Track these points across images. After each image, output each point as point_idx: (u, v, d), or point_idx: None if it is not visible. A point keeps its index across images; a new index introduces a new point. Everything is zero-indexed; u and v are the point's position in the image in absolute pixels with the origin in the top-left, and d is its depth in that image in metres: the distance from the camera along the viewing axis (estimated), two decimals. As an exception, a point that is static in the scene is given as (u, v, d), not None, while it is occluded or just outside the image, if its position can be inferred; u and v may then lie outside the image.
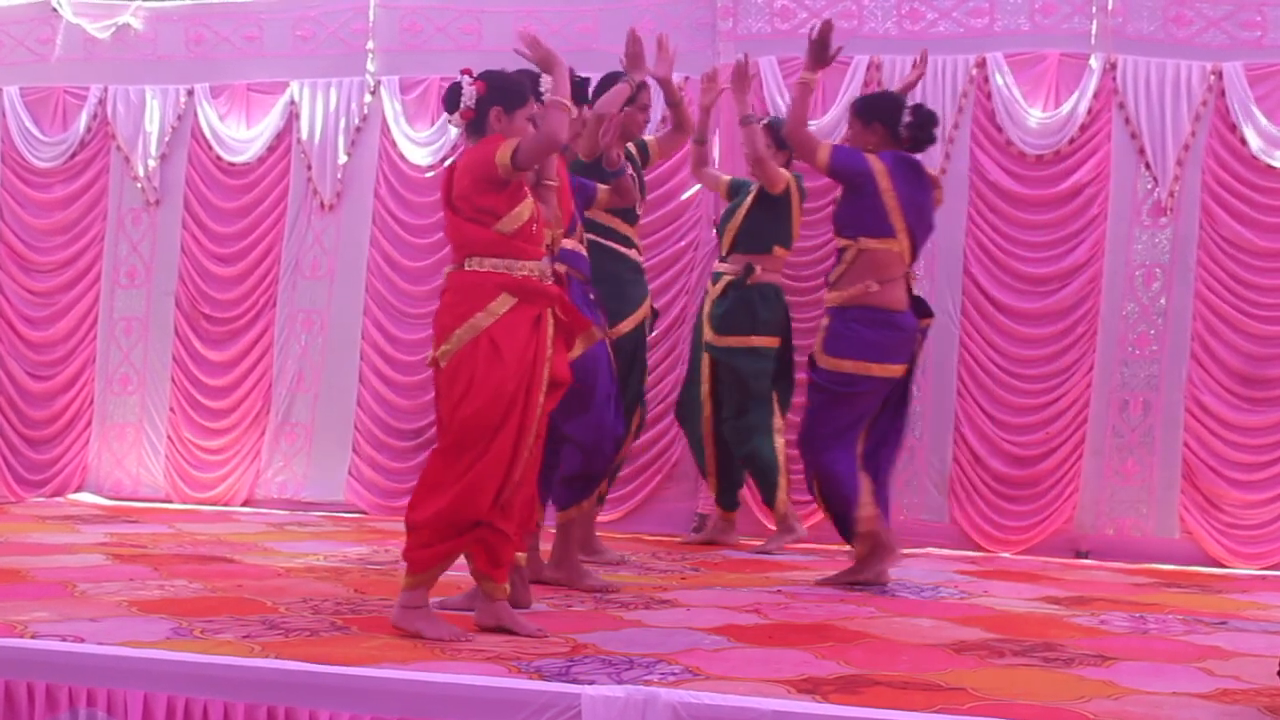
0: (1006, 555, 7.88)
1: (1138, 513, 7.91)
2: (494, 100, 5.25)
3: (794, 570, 7.04)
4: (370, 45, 9.19)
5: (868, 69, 8.35)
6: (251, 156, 9.29)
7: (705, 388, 7.91)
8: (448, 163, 6.43)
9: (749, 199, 7.81)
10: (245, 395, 9.23)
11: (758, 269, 7.77)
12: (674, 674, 4.48)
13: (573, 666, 4.54)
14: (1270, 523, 7.78)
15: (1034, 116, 8.15)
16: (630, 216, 7.10)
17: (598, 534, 7.23)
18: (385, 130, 9.10)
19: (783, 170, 7.74)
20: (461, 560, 5.31)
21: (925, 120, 6.80)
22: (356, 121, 9.13)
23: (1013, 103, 8.16)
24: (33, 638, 4.69)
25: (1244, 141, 7.88)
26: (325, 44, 9.30)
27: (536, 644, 4.91)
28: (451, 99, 5.30)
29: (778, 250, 7.86)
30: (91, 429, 9.49)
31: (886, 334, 6.57)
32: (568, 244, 6.23)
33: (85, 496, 9.33)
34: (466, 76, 5.30)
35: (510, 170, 5.12)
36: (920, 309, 6.74)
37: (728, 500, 8.06)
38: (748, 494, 8.26)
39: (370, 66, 9.16)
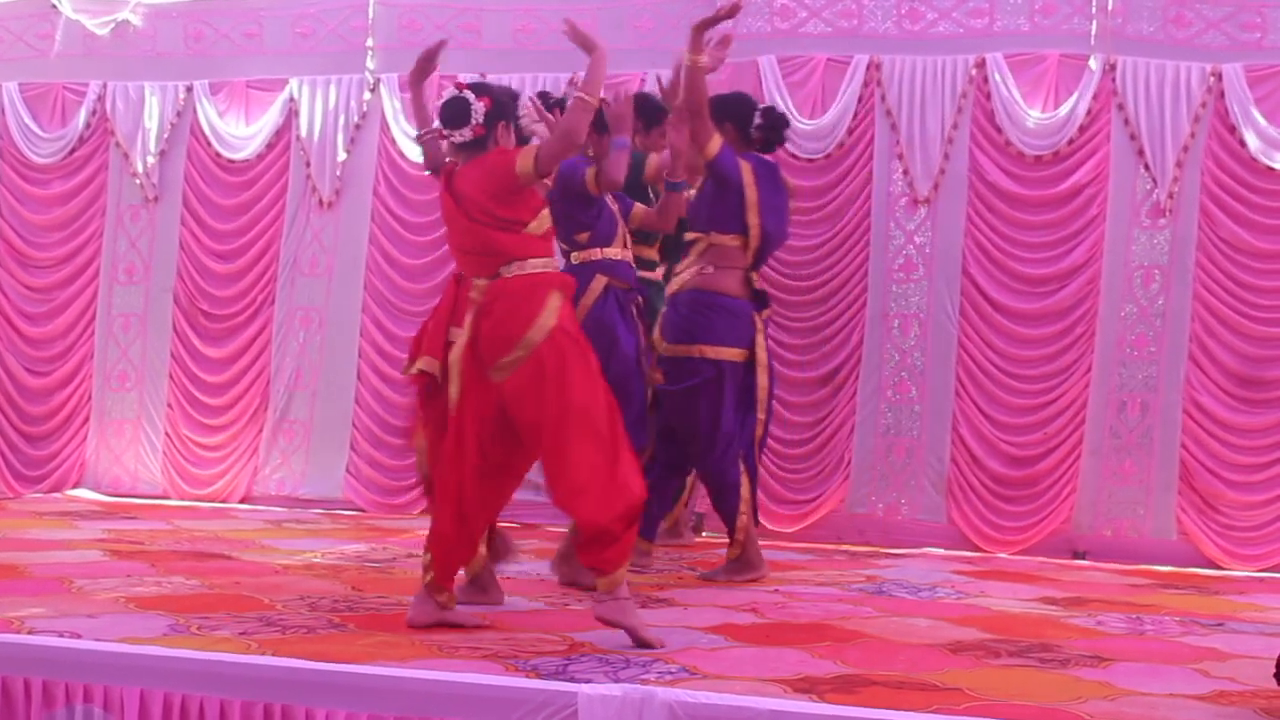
0: (1004, 556, 7.88)
1: (1135, 514, 7.91)
2: (501, 115, 5.26)
3: (791, 570, 7.04)
4: (370, 43, 9.19)
5: (867, 68, 8.35)
6: (250, 153, 9.29)
7: None
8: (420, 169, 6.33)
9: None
10: (243, 392, 9.22)
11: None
12: (671, 673, 4.48)
13: (569, 665, 4.54)
14: (1267, 524, 7.77)
15: (1033, 117, 8.15)
16: (651, 237, 6.99)
17: None
18: (384, 128, 9.10)
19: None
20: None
21: (775, 122, 6.89)
22: (356, 119, 9.13)
23: (1012, 103, 8.16)
24: (30, 634, 4.69)
25: (1243, 143, 7.87)
26: (325, 41, 9.30)
27: (534, 642, 4.91)
28: (459, 115, 5.24)
29: None
30: (89, 425, 9.49)
31: (716, 315, 6.63)
32: (613, 253, 6.24)
33: (83, 492, 9.33)
34: (470, 93, 5.27)
35: (532, 177, 5.15)
36: (760, 301, 6.81)
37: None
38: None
39: (370, 64, 9.16)
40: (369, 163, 9.13)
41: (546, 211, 5.25)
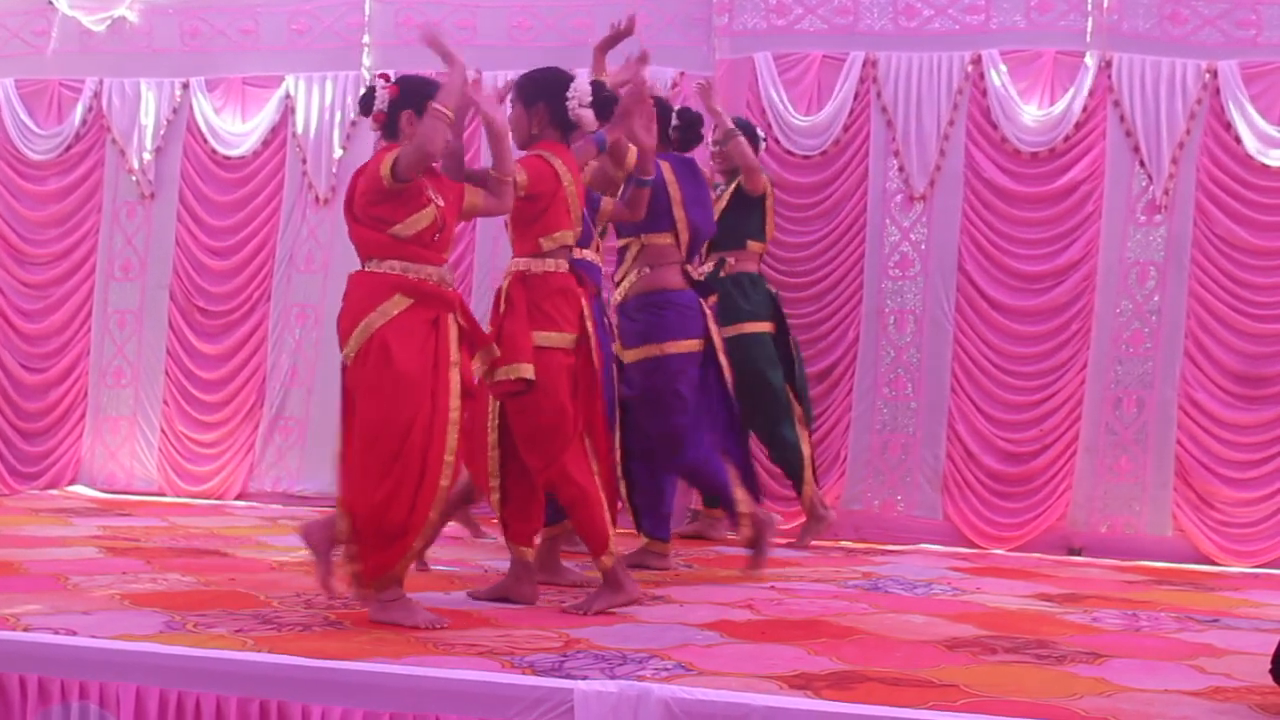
0: (999, 552, 7.89)
1: (1131, 510, 7.92)
2: (406, 104, 5.22)
3: (787, 566, 7.04)
4: (366, 39, 9.18)
5: (863, 65, 8.36)
6: (247, 150, 9.28)
7: None
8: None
9: (726, 197, 7.78)
10: (239, 389, 9.22)
11: (730, 261, 7.78)
12: (667, 669, 4.48)
13: (565, 661, 4.54)
14: (1263, 521, 7.79)
15: (1029, 114, 8.15)
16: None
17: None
18: (382, 125, 9.08)
19: (764, 173, 7.83)
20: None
21: (692, 122, 7.09)
22: (352, 115, 9.11)
23: (1008, 100, 8.16)
24: (25, 630, 4.69)
25: (1239, 140, 7.88)
26: (321, 38, 9.29)
27: (530, 639, 4.91)
28: (365, 102, 5.31)
29: (751, 244, 7.86)
30: (85, 422, 9.48)
31: (666, 312, 6.71)
32: (587, 255, 6.23)
33: (79, 489, 9.32)
34: (381, 80, 5.29)
35: (392, 181, 5.10)
36: (702, 290, 6.91)
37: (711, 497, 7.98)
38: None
39: (366, 60, 9.15)
40: (365, 159, 9.08)
41: (421, 220, 5.15)
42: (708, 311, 6.89)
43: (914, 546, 7.96)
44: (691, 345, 6.73)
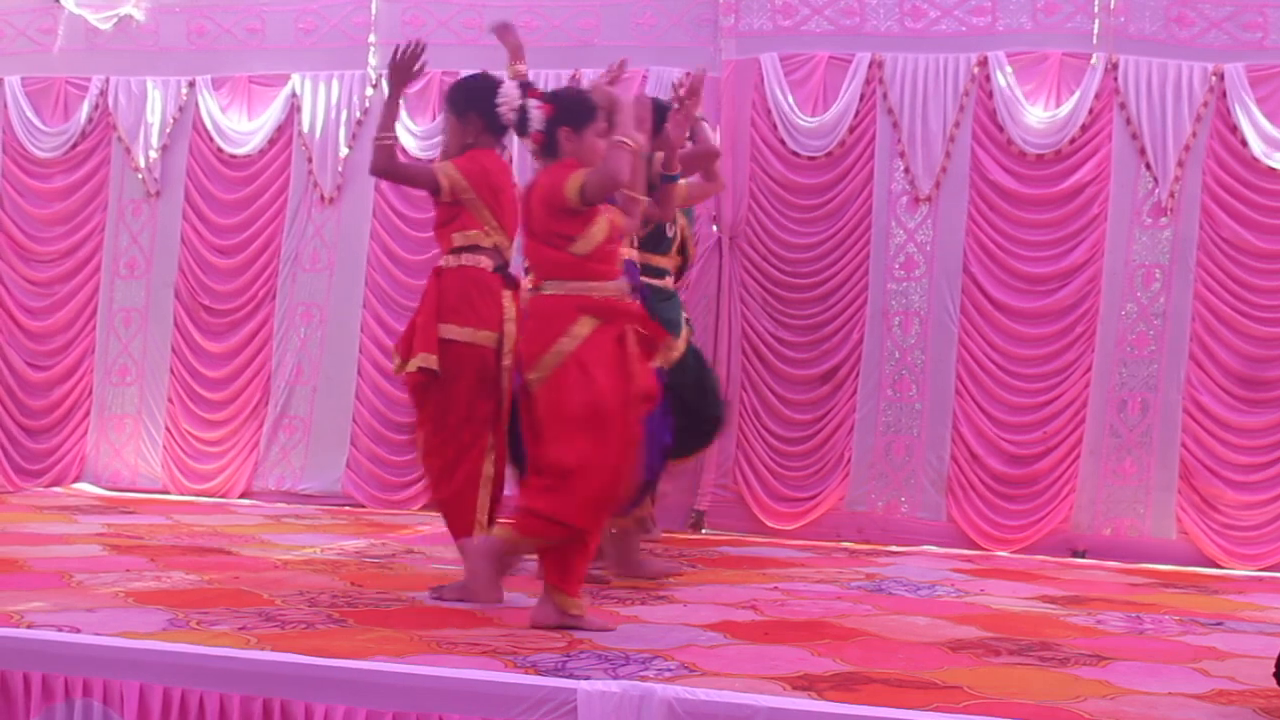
0: (1003, 554, 7.88)
1: (1135, 513, 7.91)
2: (562, 120, 5.23)
3: (790, 568, 7.05)
4: (372, 39, 9.18)
5: (869, 66, 8.35)
6: (252, 149, 9.28)
7: None
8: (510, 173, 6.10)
9: None
10: (244, 387, 9.22)
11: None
12: (670, 670, 4.48)
13: (569, 662, 4.54)
14: (1267, 524, 7.78)
15: (1035, 116, 8.15)
16: (664, 245, 6.93)
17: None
18: (386, 124, 9.08)
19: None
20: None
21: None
22: (358, 115, 9.13)
23: (1014, 102, 8.16)
24: (29, 628, 4.69)
25: (1244, 143, 7.87)
26: (327, 37, 9.30)
27: (533, 639, 4.91)
28: (520, 122, 5.30)
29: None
30: (90, 419, 9.49)
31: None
32: (625, 252, 6.24)
33: (83, 487, 9.33)
34: (534, 100, 5.28)
35: (579, 204, 5.12)
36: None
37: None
38: (745, 491, 8.30)
39: (372, 60, 9.16)
40: (367, 159, 9.10)
41: (598, 234, 5.16)
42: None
43: (917, 548, 7.96)
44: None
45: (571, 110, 5.27)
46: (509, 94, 5.73)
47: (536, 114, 5.23)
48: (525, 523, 5.20)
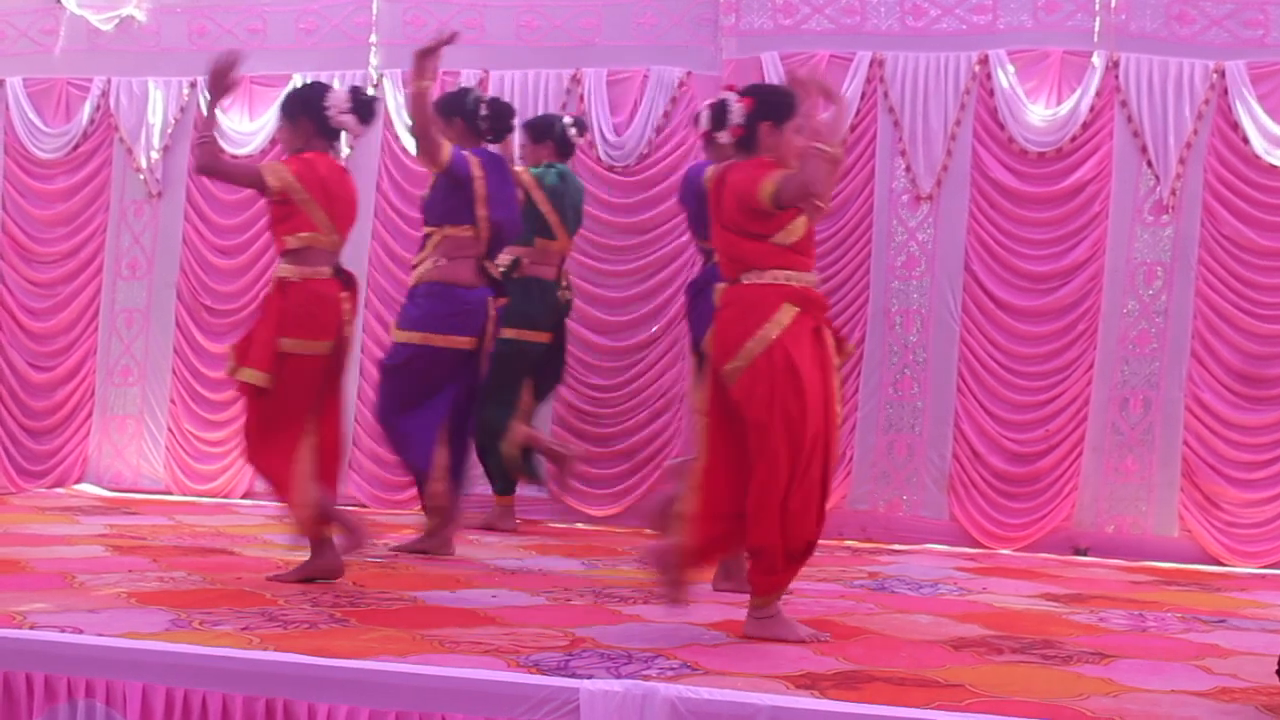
0: (1006, 552, 7.88)
1: (1137, 510, 7.91)
2: (763, 115, 5.17)
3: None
4: (373, 39, 9.19)
5: (870, 65, 8.36)
6: (254, 149, 9.28)
7: None
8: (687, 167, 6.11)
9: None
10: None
11: (525, 261, 7.88)
12: (672, 669, 4.48)
13: (571, 661, 4.54)
14: (1269, 521, 7.78)
15: (1036, 114, 8.15)
16: None
17: None
18: (388, 124, 9.09)
19: (518, 169, 7.81)
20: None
21: (501, 112, 7.21)
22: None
23: (1015, 100, 8.16)
24: (31, 629, 4.69)
25: (1246, 140, 7.88)
26: (328, 37, 9.30)
27: (536, 637, 4.91)
28: (718, 116, 5.24)
29: (539, 242, 7.94)
30: (92, 420, 9.50)
31: (449, 305, 6.86)
32: None
33: (85, 488, 9.33)
34: (732, 93, 5.25)
35: (772, 208, 5.06)
36: (497, 289, 7.04)
37: (502, 486, 8.14)
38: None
39: (373, 60, 9.17)
40: (372, 159, 9.13)
41: (798, 226, 5.11)
42: (492, 313, 6.98)
43: (920, 546, 7.96)
44: (461, 342, 6.88)
45: (773, 105, 5.20)
46: (337, 100, 6.02)
47: (737, 108, 5.18)
48: (763, 580, 5.12)
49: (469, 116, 7.09)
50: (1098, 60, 8.10)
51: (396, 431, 6.95)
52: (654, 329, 8.65)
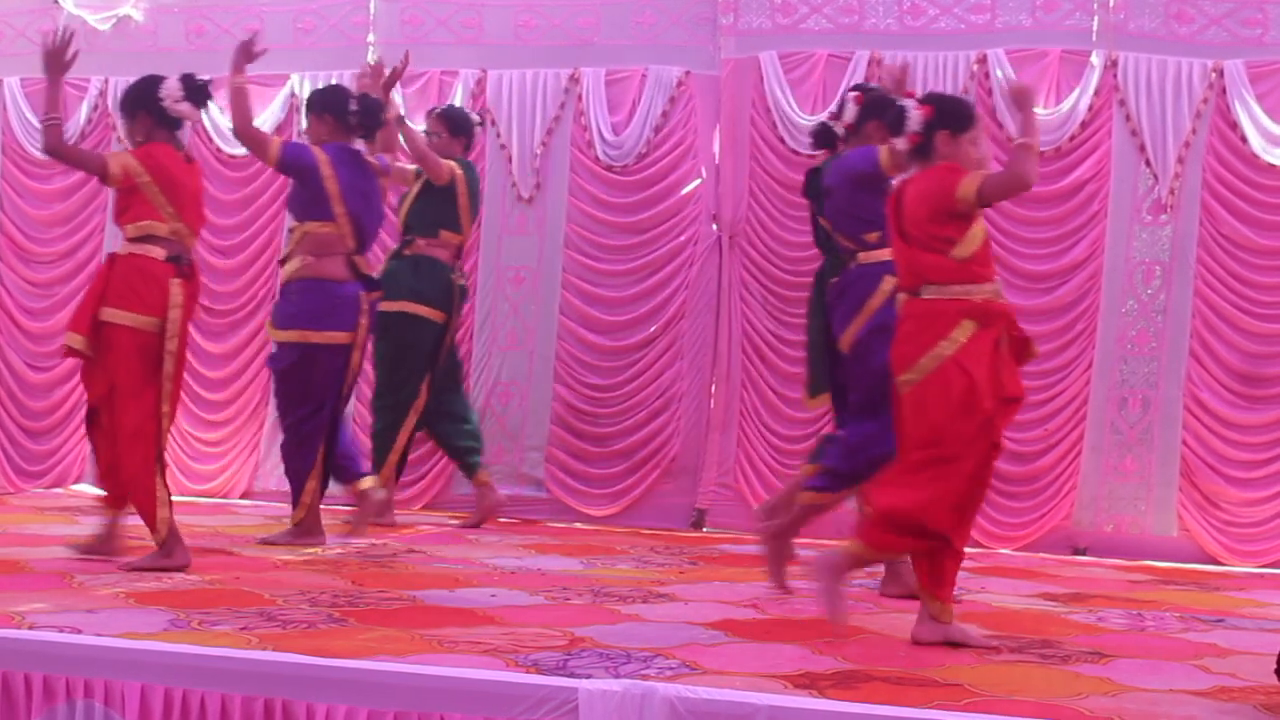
0: (1004, 552, 7.88)
1: (1136, 510, 7.91)
2: (942, 124, 5.17)
3: (792, 565, 7.03)
4: (371, 38, 9.18)
5: (868, 65, 8.36)
6: (252, 148, 9.27)
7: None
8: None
9: (417, 186, 8.06)
10: (244, 388, 9.22)
11: (420, 241, 8.00)
12: (671, 668, 4.48)
13: (570, 660, 4.54)
14: (1268, 521, 7.78)
15: (1035, 113, 8.13)
16: None
17: None
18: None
19: (445, 162, 7.98)
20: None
21: (370, 108, 7.23)
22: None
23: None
24: (30, 629, 4.69)
25: (1244, 139, 7.87)
26: (326, 36, 9.30)
27: (535, 637, 4.91)
28: (895, 122, 5.26)
29: (444, 234, 8.04)
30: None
31: (322, 301, 6.99)
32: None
33: (84, 488, 9.32)
34: (911, 100, 5.27)
35: (972, 206, 5.07)
36: (369, 285, 7.14)
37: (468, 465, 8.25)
38: (746, 489, 8.31)
39: (371, 59, 9.15)
40: (369, 160, 9.10)
41: (977, 236, 5.13)
42: (364, 306, 7.06)
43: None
44: (338, 338, 7.00)
45: (952, 114, 5.23)
46: (170, 89, 6.23)
47: (915, 115, 5.18)
48: (881, 538, 5.13)
49: (339, 113, 7.15)
50: (1096, 59, 8.10)
51: (296, 433, 7.08)
52: (652, 328, 8.64)
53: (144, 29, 9.53)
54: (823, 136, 6.73)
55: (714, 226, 8.63)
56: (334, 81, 8.88)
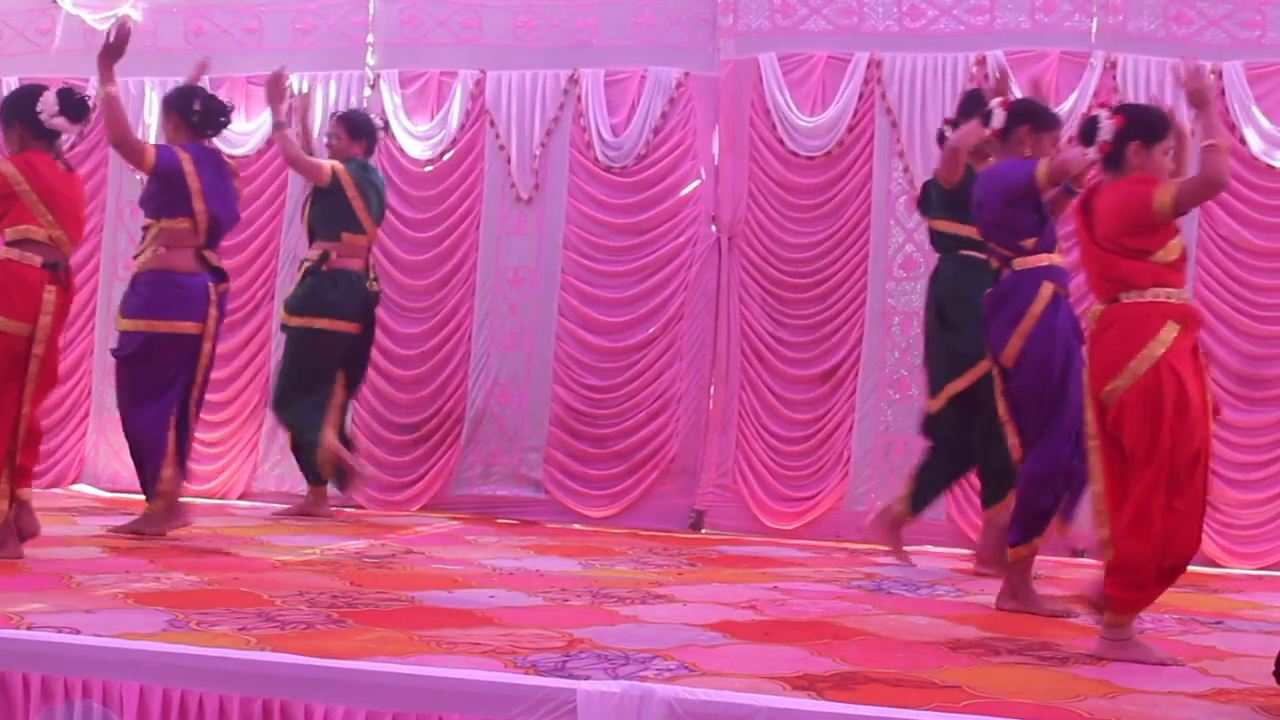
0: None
1: (1135, 512, 7.89)
2: (1133, 134, 5.19)
3: (790, 567, 7.05)
4: (370, 39, 9.19)
5: (868, 66, 8.36)
6: (251, 149, 9.28)
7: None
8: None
9: (310, 192, 8.21)
10: (243, 388, 9.22)
11: (333, 255, 8.08)
12: (670, 670, 4.48)
13: (568, 661, 4.54)
14: (1267, 523, 7.78)
15: (1034, 115, 8.14)
16: None
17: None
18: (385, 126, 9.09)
19: (325, 162, 8.12)
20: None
21: (212, 109, 7.35)
22: (356, 116, 9.12)
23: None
24: (28, 629, 4.69)
25: (1244, 141, 7.87)
26: (325, 37, 9.30)
27: (533, 639, 4.91)
28: (1087, 132, 5.28)
29: (346, 236, 8.13)
30: (89, 421, 9.48)
31: (170, 292, 7.08)
32: (1056, 259, 6.19)
33: (82, 488, 9.32)
34: (1105, 110, 5.28)
35: (1169, 216, 5.09)
36: (218, 275, 7.23)
37: (313, 476, 8.31)
38: (744, 490, 8.32)
39: (370, 60, 9.16)
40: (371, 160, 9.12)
41: (1177, 243, 5.17)
42: (214, 297, 7.15)
43: (917, 548, 7.93)
44: (186, 327, 7.09)
45: (1145, 125, 5.24)
46: (48, 102, 6.27)
47: (1107, 124, 5.20)
48: (1138, 596, 5.08)
49: (184, 113, 7.27)
50: (1095, 61, 8.10)
51: (134, 421, 7.12)
52: (651, 329, 8.64)
53: (143, 29, 9.50)
54: (940, 142, 7.06)
55: (713, 228, 8.63)
56: (305, 84, 8.94)
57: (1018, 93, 7.07)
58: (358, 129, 8.25)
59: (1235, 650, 5.23)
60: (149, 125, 9.37)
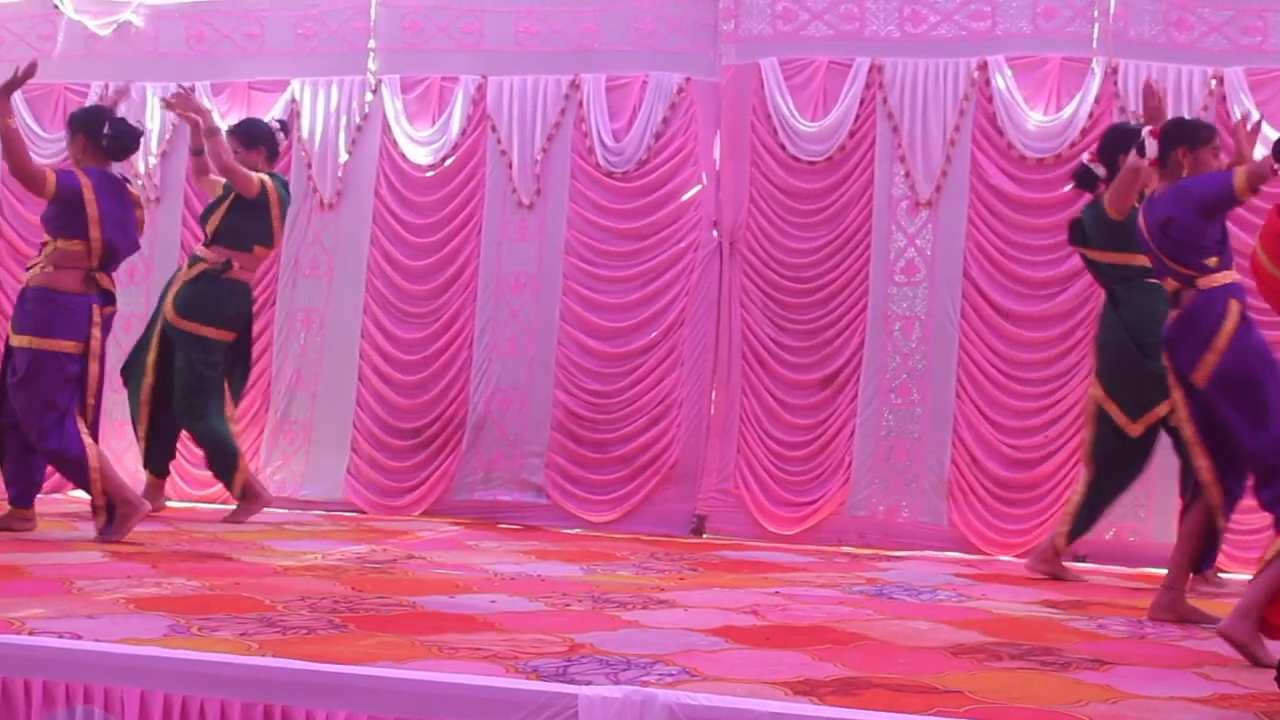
0: (1005, 558, 7.88)
1: (1136, 517, 7.89)
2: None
3: (792, 572, 7.04)
4: (371, 44, 9.19)
5: (869, 71, 8.36)
6: (251, 154, 9.27)
7: (152, 356, 8.24)
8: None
9: (229, 197, 8.13)
10: (244, 393, 9.20)
11: (235, 265, 8.11)
12: (671, 675, 4.48)
13: (570, 667, 4.54)
14: (1267, 528, 7.74)
15: (1035, 120, 8.15)
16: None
17: None
18: (386, 129, 9.11)
19: (255, 174, 8.07)
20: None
21: (122, 131, 7.32)
22: (357, 120, 9.14)
23: (1014, 106, 8.16)
24: (30, 634, 4.68)
25: (1244, 146, 7.87)
26: (326, 42, 9.31)
27: (534, 644, 4.91)
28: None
29: (259, 249, 8.22)
30: (90, 426, 9.46)
31: (52, 310, 7.12)
32: (1236, 276, 6.22)
33: (83, 493, 9.29)
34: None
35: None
36: (106, 298, 7.26)
37: (157, 467, 8.41)
38: (746, 495, 8.30)
39: (371, 65, 9.17)
40: (370, 164, 9.14)
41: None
42: (98, 319, 7.18)
43: (919, 552, 7.95)
44: (70, 346, 7.10)
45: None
46: (121, 126, 6.86)
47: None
48: None
49: (91, 134, 7.25)
50: (1096, 66, 8.11)
51: (46, 443, 7.12)
52: (652, 334, 8.65)
53: (144, 34, 9.54)
54: (1084, 178, 7.09)
55: (714, 233, 8.63)
56: (329, 87, 8.95)
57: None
58: (251, 138, 8.23)
59: (1237, 656, 5.22)
60: (150, 131, 9.36)
